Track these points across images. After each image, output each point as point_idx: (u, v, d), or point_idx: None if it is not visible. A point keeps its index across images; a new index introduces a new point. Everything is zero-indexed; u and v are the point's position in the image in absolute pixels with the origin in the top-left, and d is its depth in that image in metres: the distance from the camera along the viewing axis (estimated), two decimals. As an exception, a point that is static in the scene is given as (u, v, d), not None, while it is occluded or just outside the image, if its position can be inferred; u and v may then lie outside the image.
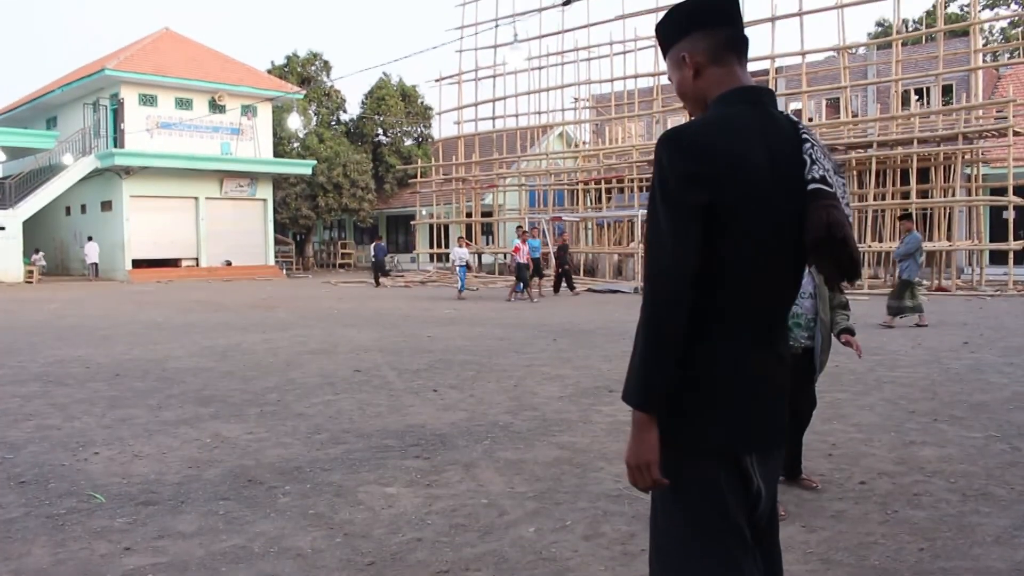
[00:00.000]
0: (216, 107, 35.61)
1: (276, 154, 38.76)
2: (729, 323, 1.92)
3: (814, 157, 1.96)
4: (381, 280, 27.66)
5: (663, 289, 1.87)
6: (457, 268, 21.59)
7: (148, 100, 34.34)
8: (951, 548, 3.57)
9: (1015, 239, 21.13)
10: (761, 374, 1.96)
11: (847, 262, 1.91)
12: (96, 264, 33.15)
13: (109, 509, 4.21)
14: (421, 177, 36.09)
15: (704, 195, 1.86)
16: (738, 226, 1.88)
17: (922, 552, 3.53)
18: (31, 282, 30.98)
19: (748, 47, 2.18)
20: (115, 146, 33.45)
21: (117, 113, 34.08)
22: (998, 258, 23.76)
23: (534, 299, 20.08)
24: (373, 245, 28.59)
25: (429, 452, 5.30)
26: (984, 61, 25.62)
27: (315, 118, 44.54)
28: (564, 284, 22.66)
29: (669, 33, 2.18)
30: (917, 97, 28.02)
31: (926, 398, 6.90)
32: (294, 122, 30.79)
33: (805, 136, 1.99)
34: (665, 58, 2.21)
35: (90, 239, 33.60)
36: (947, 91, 28.05)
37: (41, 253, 34.65)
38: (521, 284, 20.42)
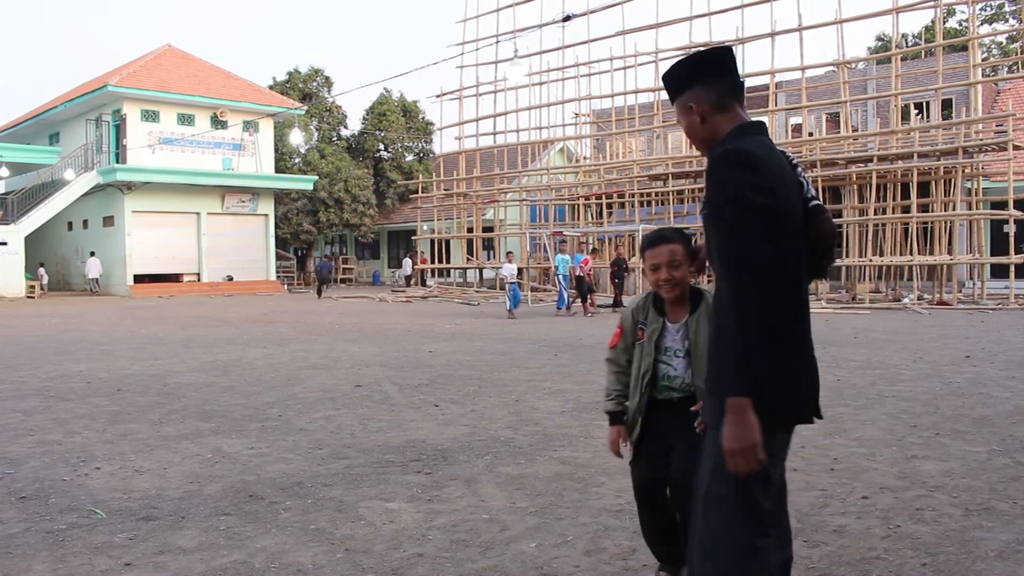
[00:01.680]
0: (218, 123, 35.74)
1: (277, 169, 38.88)
2: (789, 311, 2.23)
3: (806, 179, 2.43)
4: (323, 293, 30.44)
5: (752, 282, 2.13)
6: (508, 285, 19.94)
7: (150, 116, 34.47)
8: (954, 563, 3.56)
9: (1016, 253, 21.13)
10: (810, 356, 2.33)
11: (828, 265, 2.44)
12: (96, 279, 33.18)
13: (110, 524, 4.20)
14: (422, 192, 36.17)
15: (767, 200, 2.18)
16: (785, 228, 2.20)
17: (925, 567, 3.51)
18: (32, 297, 31.01)
19: (744, 90, 2.53)
20: (117, 162, 33.58)
21: (119, 129, 34.22)
22: (999, 272, 23.78)
23: (588, 313, 19.80)
24: (318, 260, 31.59)
25: (430, 467, 5.29)
26: (983, 76, 25.69)
27: (316, 134, 44.69)
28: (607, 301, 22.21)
29: (674, 86, 2.50)
30: (917, 111, 28.11)
31: (928, 412, 6.89)
32: (296, 138, 30.90)
33: (795, 162, 2.45)
34: (673, 104, 2.53)
35: (92, 254, 33.66)
36: (947, 105, 28.15)
37: (43, 268, 34.72)
38: (566, 298, 20.16)
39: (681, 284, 3.00)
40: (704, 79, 2.43)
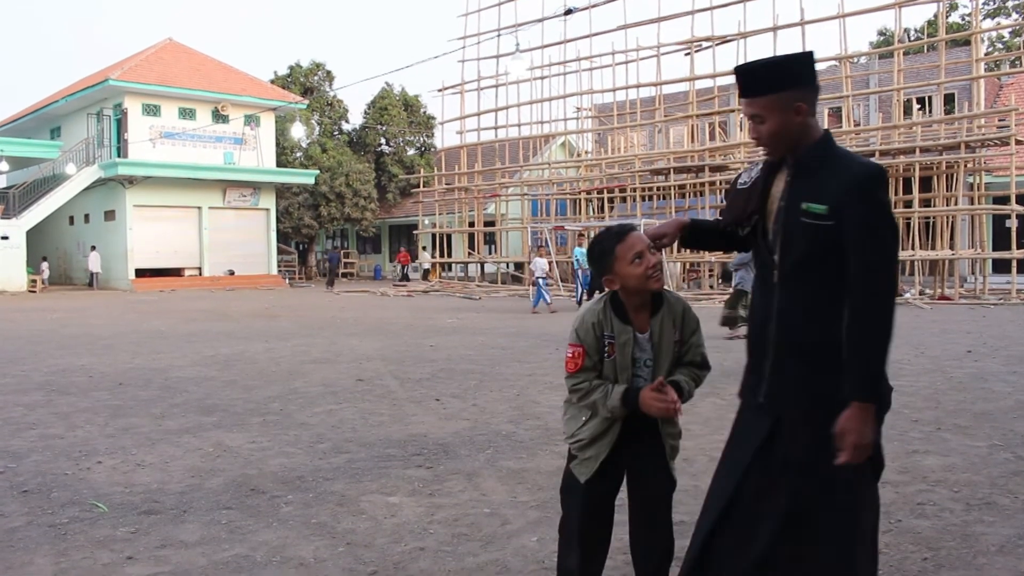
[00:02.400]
0: (219, 117, 35.73)
1: (279, 164, 38.88)
2: None
3: None
4: (334, 285, 30.83)
5: (892, 300, 2.43)
6: (539, 280, 19.67)
7: (151, 110, 34.46)
8: (955, 558, 3.56)
9: (1018, 248, 21.10)
10: None
11: None
12: (96, 274, 33.18)
13: (112, 518, 4.21)
14: (423, 186, 36.16)
15: None
16: None
17: (926, 562, 3.52)
18: (34, 291, 31.03)
19: None
20: (118, 156, 33.59)
21: (120, 123, 34.22)
22: (1001, 267, 23.75)
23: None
24: (328, 253, 31.83)
25: (431, 461, 5.30)
26: (986, 70, 25.62)
27: (318, 128, 44.67)
28: None
29: (782, 78, 2.49)
30: (919, 106, 28.06)
31: (929, 407, 6.90)
32: (297, 132, 30.92)
33: None
34: (760, 97, 2.50)
35: (93, 249, 33.67)
36: (949, 100, 28.10)
37: (46, 262, 34.74)
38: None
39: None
40: (812, 80, 2.52)
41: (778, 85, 2.49)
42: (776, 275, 2.55)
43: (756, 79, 2.52)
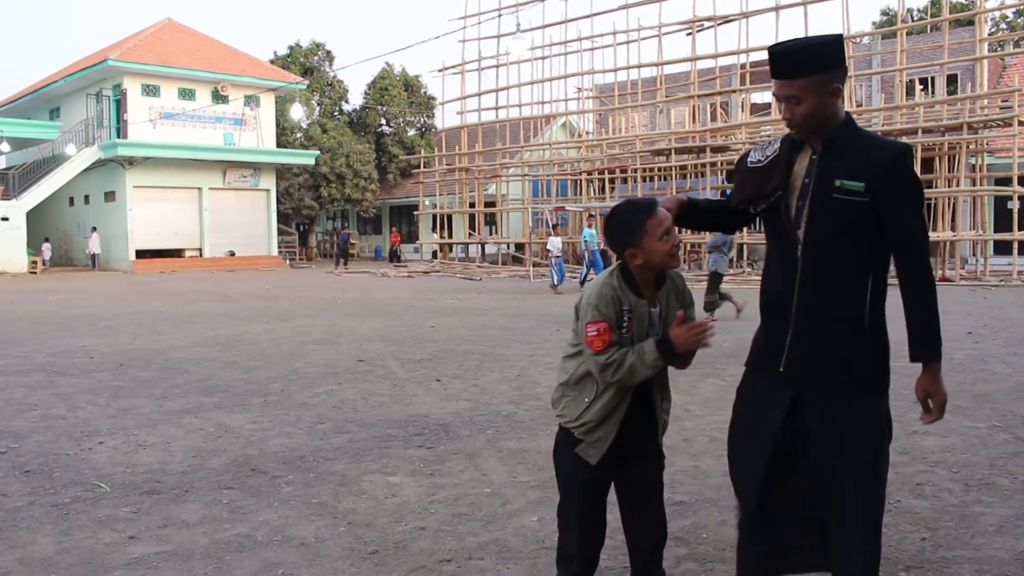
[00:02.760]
0: (219, 97, 35.58)
1: (279, 144, 38.75)
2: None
3: None
4: (341, 265, 31.15)
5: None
6: (554, 259, 20.01)
7: (151, 90, 34.32)
8: (953, 538, 3.58)
9: (1019, 229, 21.06)
10: None
11: None
12: (97, 255, 33.15)
13: (114, 498, 4.23)
14: (424, 167, 36.06)
15: None
16: None
17: (924, 542, 3.53)
18: (35, 273, 31.04)
19: None
20: (118, 136, 33.48)
21: (120, 103, 34.08)
22: (1002, 248, 23.72)
23: None
24: (340, 234, 31.93)
25: (432, 441, 5.32)
26: (989, 50, 25.47)
27: (318, 108, 44.48)
28: None
29: (819, 60, 2.58)
30: (922, 87, 27.93)
31: (929, 388, 6.89)
32: (297, 112, 30.76)
33: None
34: (797, 79, 2.58)
35: (94, 230, 33.61)
36: (952, 81, 27.96)
37: (48, 243, 34.70)
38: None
39: None
40: (843, 62, 2.62)
41: (815, 67, 2.58)
42: (800, 249, 2.66)
43: (794, 61, 2.59)
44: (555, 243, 20.50)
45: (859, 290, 2.72)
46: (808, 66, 2.59)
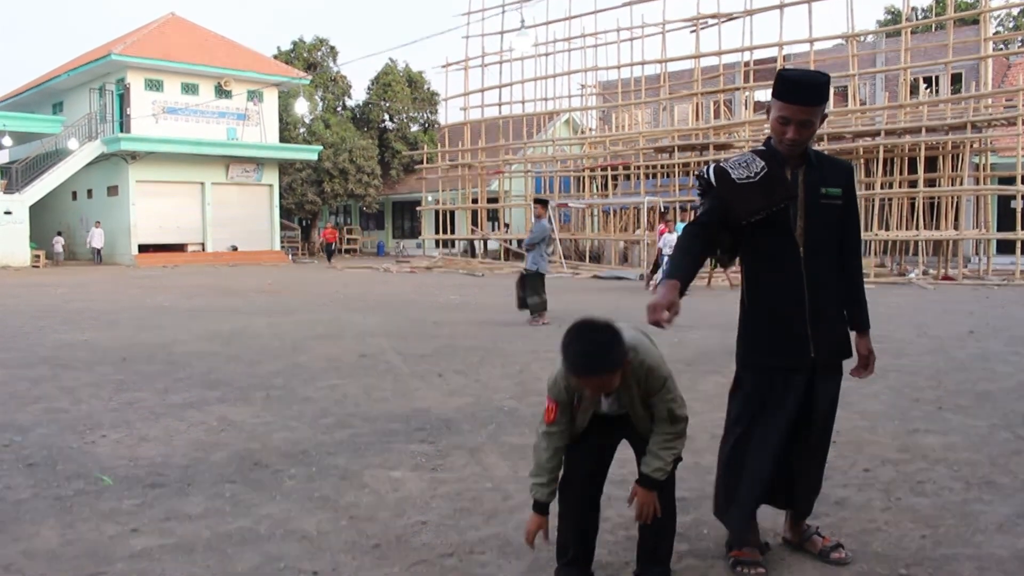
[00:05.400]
0: (222, 92, 35.60)
1: (282, 140, 38.76)
2: None
3: None
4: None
5: None
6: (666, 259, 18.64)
7: (154, 85, 34.33)
8: (953, 535, 3.58)
9: (1023, 228, 21.03)
10: None
11: None
12: (99, 249, 33.12)
13: (117, 491, 4.24)
14: (427, 163, 36.06)
15: None
16: None
17: (924, 539, 3.54)
18: (38, 267, 31.07)
19: None
20: (121, 131, 33.49)
21: (123, 98, 34.10)
22: (1005, 247, 23.69)
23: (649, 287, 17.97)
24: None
25: (434, 436, 5.33)
26: (994, 49, 25.42)
27: (321, 104, 44.46)
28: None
29: (828, 92, 3.12)
30: (926, 86, 27.89)
31: (931, 387, 6.91)
32: (301, 107, 30.73)
33: None
34: (816, 106, 3.05)
35: (97, 224, 33.61)
36: (956, 79, 27.92)
37: (60, 236, 34.61)
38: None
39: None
40: None
41: (825, 97, 3.07)
42: (802, 251, 3.13)
43: (817, 91, 3.02)
44: (669, 241, 17.94)
45: (839, 278, 3.26)
46: (824, 96, 3.05)
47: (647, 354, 2.89)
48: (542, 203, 12.55)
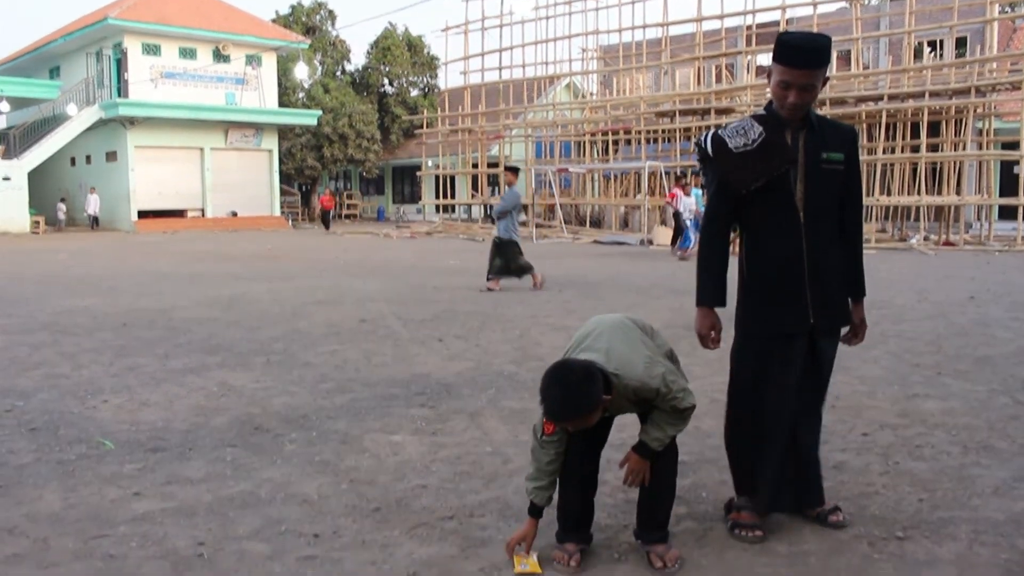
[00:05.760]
0: (220, 57, 35.28)
1: (281, 104, 38.46)
2: None
3: None
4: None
5: None
6: (687, 221, 17.43)
7: (151, 50, 34.01)
8: (950, 499, 3.60)
9: (1025, 194, 20.93)
10: None
11: None
12: (95, 216, 32.91)
13: (118, 455, 4.26)
14: (427, 128, 35.85)
15: None
16: None
17: (921, 503, 3.56)
18: (37, 233, 31.00)
19: None
20: (119, 96, 33.22)
21: (120, 63, 33.79)
22: (1007, 213, 23.61)
23: (676, 253, 17.54)
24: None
25: (434, 401, 5.34)
26: (1000, 12, 25.09)
27: (320, 68, 44.09)
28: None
29: (830, 55, 3.08)
30: (930, 49, 27.62)
31: (931, 352, 6.92)
32: (300, 72, 30.45)
33: None
34: (818, 69, 3.03)
35: (92, 190, 33.36)
36: (961, 43, 27.62)
37: (64, 203, 34.34)
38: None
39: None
40: None
41: (827, 60, 3.04)
42: (802, 216, 3.12)
43: (819, 54, 3.00)
44: (687, 204, 17.65)
45: (839, 243, 3.24)
46: (825, 59, 3.01)
47: (630, 375, 2.86)
48: (513, 170, 12.38)
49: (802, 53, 2.99)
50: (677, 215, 18.17)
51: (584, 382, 2.74)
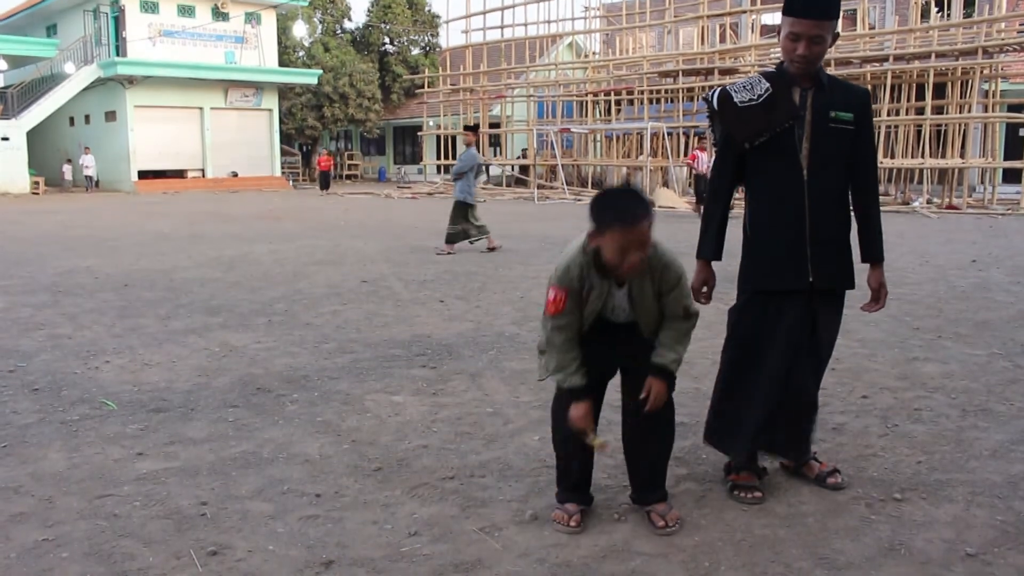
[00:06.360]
0: (219, 15, 34.90)
1: (281, 63, 38.13)
2: None
3: None
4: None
5: None
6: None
7: (149, 7, 33.63)
8: (948, 461, 3.63)
9: (1030, 157, 20.81)
10: None
11: None
12: (92, 177, 32.66)
13: (121, 416, 4.29)
14: (428, 87, 35.56)
15: None
16: None
17: (920, 465, 3.58)
18: (37, 193, 30.91)
19: None
20: (117, 55, 32.91)
21: (118, 21, 33.43)
22: (1011, 177, 23.48)
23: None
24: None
25: (435, 362, 5.36)
26: (1008, -29, 24.73)
27: (320, 27, 43.61)
28: None
29: (839, 7, 3.04)
30: (937, 9, 27.25)
31: (931, 315, 6.92)
32: (298, 30, 30.10)
33: None
34: (828, 20, 2.99)
35: (87, 150, 33.09)
36: (969, 3, 27.24)
37: (70, 164, 33.99)
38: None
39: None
40: None
41: (837, 11, 3.01)
42: (805, 174, 3.10)
43: (829, 3, 2.97)
44: (704, 160, 17.48)
45: (846, 204, 3.23)
46: (835, 10, 2.99)
47: (665, 250, 2.89)
48: (472, 130, 12.20)
49: (811, 2, 2.96)
50: (698, 178, 18.02)
51: (640, 192, 2.78)
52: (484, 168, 14.01)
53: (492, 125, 34.32)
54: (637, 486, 3.11)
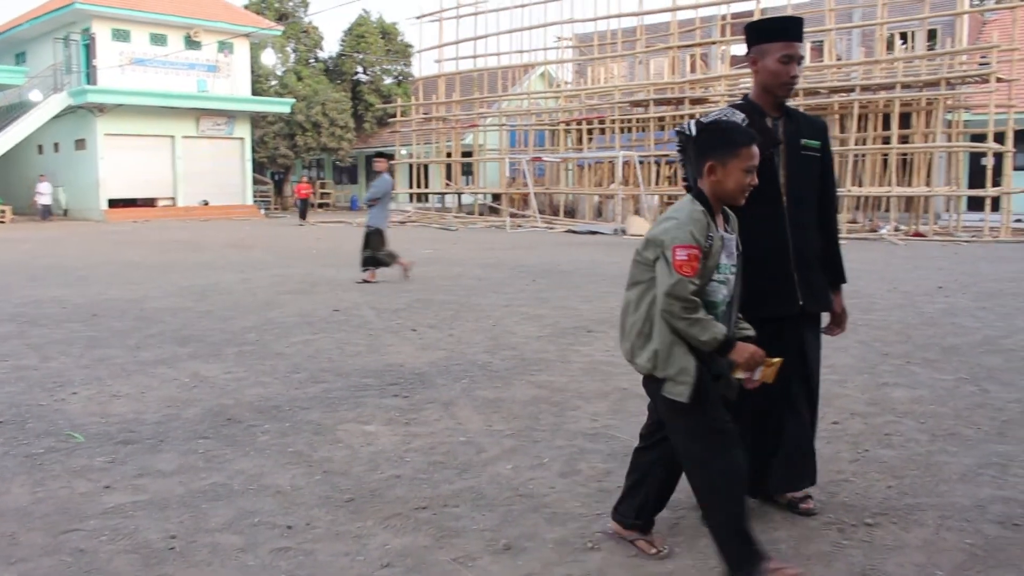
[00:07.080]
0: (191, 43, 34.81)
1: (254, 92, 38.04)
2: None
3: None
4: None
5: None
6: None
7: (121, 35, 33.49)
8: (918, 486, 3.66)
9: (993, 185, 21.21)
10: None
11: None
12: (48, 206, 32.08)
13: (88, 448, 4.22)
14: (401, 116, 35.65)
15: None
16: None
17: (890, 489, 3.61)
18: (3, 222, 30.50)
19: None
20: (87, 83, 32.66)
21: (89, 48, 33.23)
22: (975, 204, 23.88)
23: None
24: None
25: (408, 391, 5.33)
26: (970, 6, 25.32)
27: (293, 55, 43.67)
28: None
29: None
30: (902, 41, 27.84)
31: (900, 341, 7.00)
32: (268, 58, 30.04)
33: None
34: (800, 44, 3.14)
35: (42, 177, 32.60)
36: (932, 36, 27.86)
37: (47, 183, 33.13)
38: None
39: None
40: None
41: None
42: (785, 200, 3.18)
43: (802, 24, 3.13)
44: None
45: (818, 229, 3.30)
46: (800, 37, 3.14)
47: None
48: (383, 157, 12.34)
49: (795, 24, 3.14)
50: None
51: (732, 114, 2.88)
52: (394, 195, 14.39)
53: (465, 154, 34.43)
54: (647, 510, 3.07)
